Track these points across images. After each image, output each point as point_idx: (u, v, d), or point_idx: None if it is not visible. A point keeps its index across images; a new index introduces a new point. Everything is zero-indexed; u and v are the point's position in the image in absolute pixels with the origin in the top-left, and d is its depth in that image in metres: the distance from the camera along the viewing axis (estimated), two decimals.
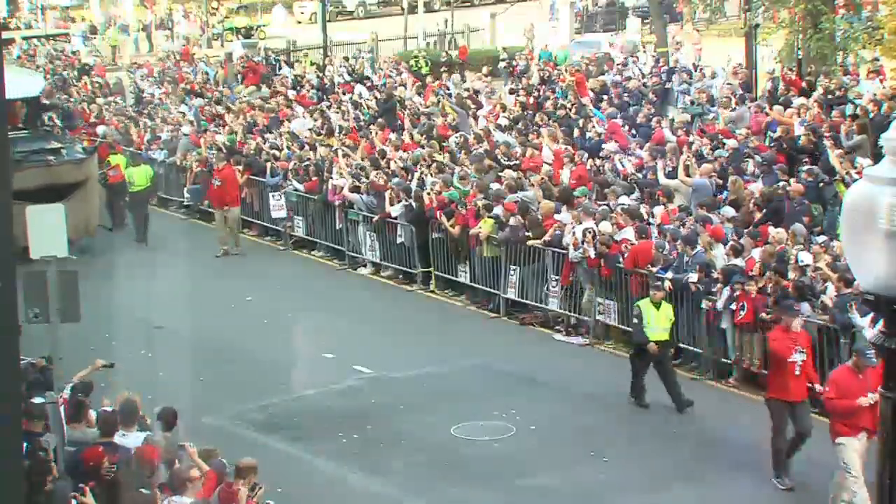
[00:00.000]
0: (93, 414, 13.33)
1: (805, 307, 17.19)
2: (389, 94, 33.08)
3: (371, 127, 29.78)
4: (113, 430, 12.63)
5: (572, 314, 20.99)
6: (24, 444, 11.70)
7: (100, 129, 31.93)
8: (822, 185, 21.56)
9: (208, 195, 27.67)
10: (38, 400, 13.31)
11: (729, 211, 20.63)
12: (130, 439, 12.62)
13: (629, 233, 20.19)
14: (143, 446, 12.27)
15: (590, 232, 20.06)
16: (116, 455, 12.24)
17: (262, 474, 12.12)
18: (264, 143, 29.00)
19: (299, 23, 64.03)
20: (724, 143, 24.46)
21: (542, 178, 23.44)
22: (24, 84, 28.38)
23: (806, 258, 18.06)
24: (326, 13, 49.25)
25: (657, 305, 17.54)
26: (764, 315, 17.64)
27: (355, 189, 24.82)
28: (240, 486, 11.68)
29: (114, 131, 31.62)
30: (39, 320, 15.06)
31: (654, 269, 19.30)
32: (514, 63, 39.90)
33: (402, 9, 56.87)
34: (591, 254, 19.95)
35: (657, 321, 17.48)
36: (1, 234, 6.99)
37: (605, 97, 31.22)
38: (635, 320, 17.71)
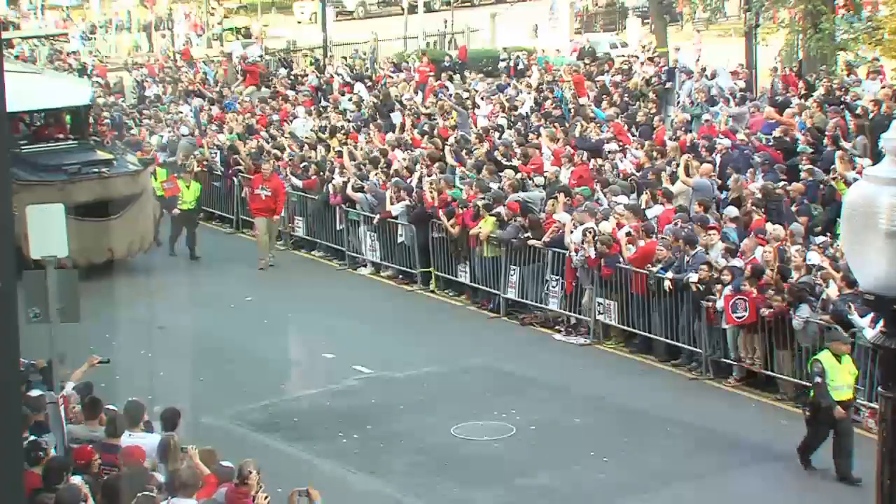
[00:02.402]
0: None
1: (806, 309, 17.16)
2: (386, 95, 33.05)
3: (370, 126, 29.83)
4: (120, 431, 12.61)
5: (572, 314, 20.99)
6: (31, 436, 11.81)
7: (154, 139, 30.66)
8: (822, 184, 21.57)
9: (251, 206, 25.82)
10: (35, 392, 13.31)
11: (732, 211, 20.57)
12: (135, 440, 12.60)
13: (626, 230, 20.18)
14: (128, 446, 12.25)
15: (590, 232, 20.06)
16: (116, 456, 12.22)
17: (262, 474, 12.10)
18: (267, 143, 29.01)
19: (299, 23, 64.08)
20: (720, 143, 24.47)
21: (553, 176, 23.51)
22: (71, 92, 27.52)
23: (815, 258, 18.02)
24: (326, 13, 49.24)
25: (839, 359, 15.28)
26: (764, 312, 17.60)
27: (359, 189, 24.84)
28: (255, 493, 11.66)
29: (168, 141, 30.21)
30: (39, 320, 15.04)
31: (655, 269, 19.29)
32: (514, 63, 39.96)
33: (402, 9, 56.89)
34: (591, 254, 19.94)
35: (841, 377, 15.20)
36: (1, 234, 6.98)
37: (606, 97, 31.21)
38: (818, 378, 15.12)
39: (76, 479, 11.29)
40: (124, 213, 24.20)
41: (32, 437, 12.01)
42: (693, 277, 18.57)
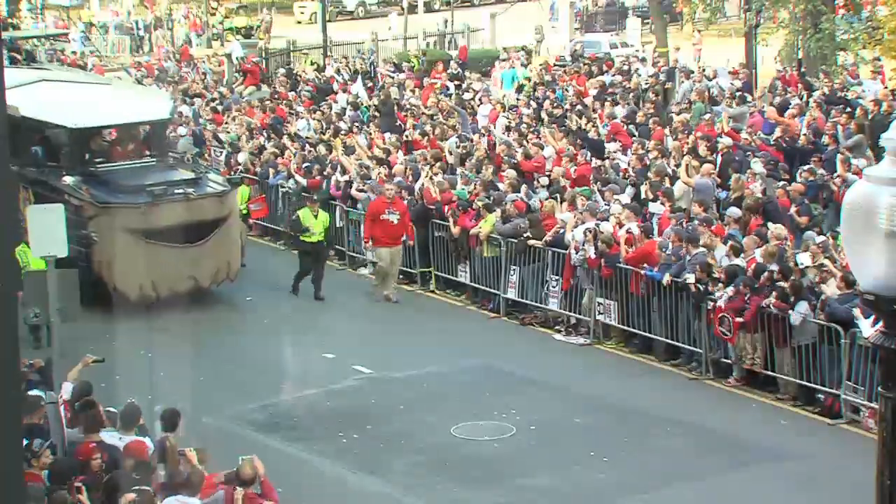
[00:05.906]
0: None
1: (804, 306, 17.15)
2: (387, 95, 33.07)
3: (369, 126, 29.83)
4: (98, 428, 12.56)
5: (572, 314, 20.98)
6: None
7: (241, 157, 28.38)
8: (822, 184, 21.57)
9: (372, 233, 22.80)
10: (34, 392, 13.31)
11: (735, 212, 20.52)
12: (125, 443, 12.57)
13: (632, 228, 20.15)
14: (132, 442, 12.24)
15: (591, 231, 20.04)
16: (105, 454, 12.21)
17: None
18: (268, 143, 28.99)
19: (299, 23, 64.09)
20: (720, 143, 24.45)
21: (557, 177, 23.52)
22: (149, 106, 25.70)
23: (805, 260, 18.00)
24: (326, 13, 49.26)
25: None
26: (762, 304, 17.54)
27: (360, 189, 24.83)
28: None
29: (251, 158, 28.12)
30: (40, 320, 15.06)
31: (655, 270, 19.21)
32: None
33: (402, 9, 56.87)
34: (592, 254, 19.93)
35: None
36: (1, 234, 6.98)
37: (605, 97, 31.21)
38: None
39: None
40: (210, 239, 22.20)
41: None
42: (690, 278, 18.54)
